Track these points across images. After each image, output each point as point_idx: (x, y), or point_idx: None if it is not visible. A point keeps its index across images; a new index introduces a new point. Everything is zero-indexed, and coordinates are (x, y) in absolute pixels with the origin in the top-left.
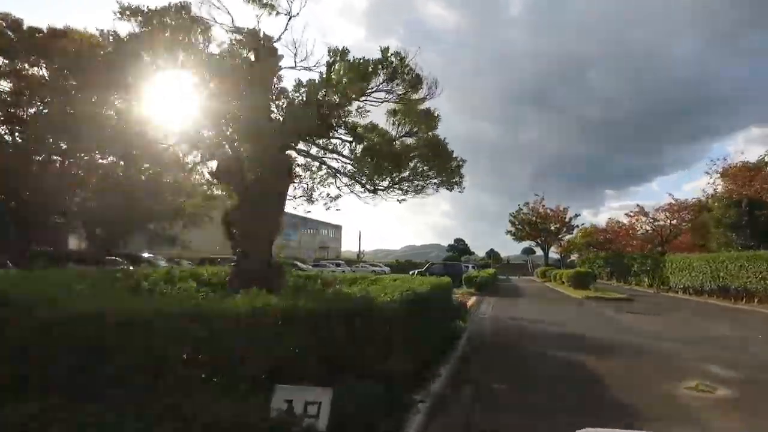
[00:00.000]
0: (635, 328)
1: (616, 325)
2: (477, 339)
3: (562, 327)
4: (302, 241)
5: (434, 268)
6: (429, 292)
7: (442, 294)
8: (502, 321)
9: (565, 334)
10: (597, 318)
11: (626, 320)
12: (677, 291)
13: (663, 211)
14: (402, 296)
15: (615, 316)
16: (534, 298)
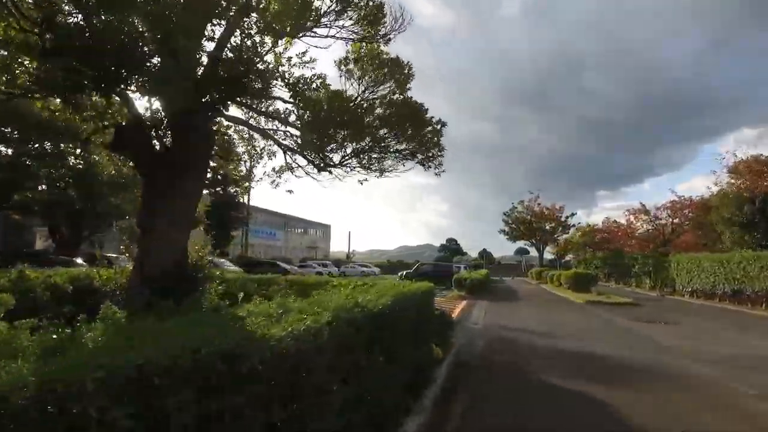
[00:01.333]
0: (660, 344)
1: (635, 339)
2: (462, 370)
3: (572, 342)
4: (289, 241)
5: (423, 269)
6: (392, 307)
7: (415, 307)
8: (498, 333)
9: (581, 354)
10: (608, 328)
11: (644, 332)
12: (683, 294)
13: (665, 209)
14: (334, 323)
15: (627, 325)
16: (531, 302)
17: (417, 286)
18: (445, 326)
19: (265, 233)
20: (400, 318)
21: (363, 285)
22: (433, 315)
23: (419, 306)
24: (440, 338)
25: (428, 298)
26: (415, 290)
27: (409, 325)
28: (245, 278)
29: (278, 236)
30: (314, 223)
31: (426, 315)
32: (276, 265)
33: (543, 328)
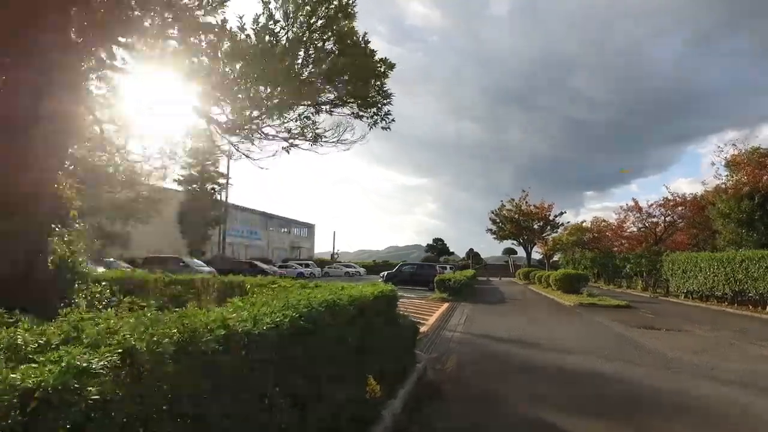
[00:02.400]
0: (667, 358)
1: (637, 352)
2: (424, 401)
3: (564, 356)
4: (271, 240)
5: (405, 270)
6: (304, 321)
7: (357, 320)
8: (477, 345)
9: (576, 374)
10: (604, 338)
11: (645, 342)
12: (678, 295)
13: (658, 206)
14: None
15: (625, 333)
16: (518, 305)
17: (375, 290)
18: (408, 342)
19: (246, 232)
20: (318, 341)
21: (306, 288)
22: (394, 327)
23: (371, 317)
24: (398, 360)
25: (392, 302)
26: (362, 296)
27: (343, 350)
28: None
29: (259, 236)
30: (298, 222)
31: (378, 331)
32: (254, 266)
33: (530, 337)
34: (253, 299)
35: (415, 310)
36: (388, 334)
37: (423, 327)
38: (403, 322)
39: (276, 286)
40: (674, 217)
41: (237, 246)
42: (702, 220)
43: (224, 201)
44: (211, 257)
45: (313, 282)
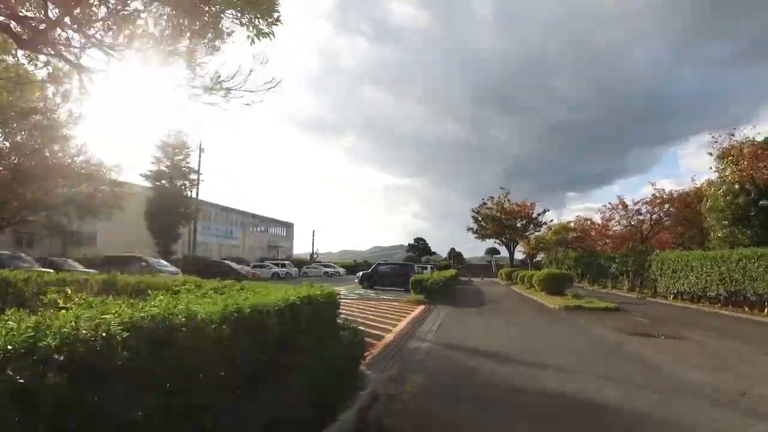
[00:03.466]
0: (674, 376)
1: (637, 368)
2: None
3: (551, 375)
4: (247, 240)
5: (382, 270)
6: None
7: (263, 342)
8: (447, 360)
9: (568, 402)
10: (596, 348)
11: (644, 353)
12: (667, 296)
13: (644, 203)
14: None
15: (620, 341)
16: (498, 308)
17: (300, 294)
18: (348, 363)
19: (221, 231)
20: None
21: (203, 291)
22: (327, 344)
23: (279, 333)
24: (331, 388)
25: (310, 313)
26: (265, 305)
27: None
28: None
29: (235, 235)
30: (276, 221)
31: (294, 351)
32: (227, 266)
33: (511, 348)
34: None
35: (383, 314)
36: (313, 356)
37: (388, 335)
38: (346, 336)
39: (185, 288)
40: (661, 214)
41: (211, 245)
42: (690, 217)
43: (195, 198)
44: (181, 257)
45: (259, 284)
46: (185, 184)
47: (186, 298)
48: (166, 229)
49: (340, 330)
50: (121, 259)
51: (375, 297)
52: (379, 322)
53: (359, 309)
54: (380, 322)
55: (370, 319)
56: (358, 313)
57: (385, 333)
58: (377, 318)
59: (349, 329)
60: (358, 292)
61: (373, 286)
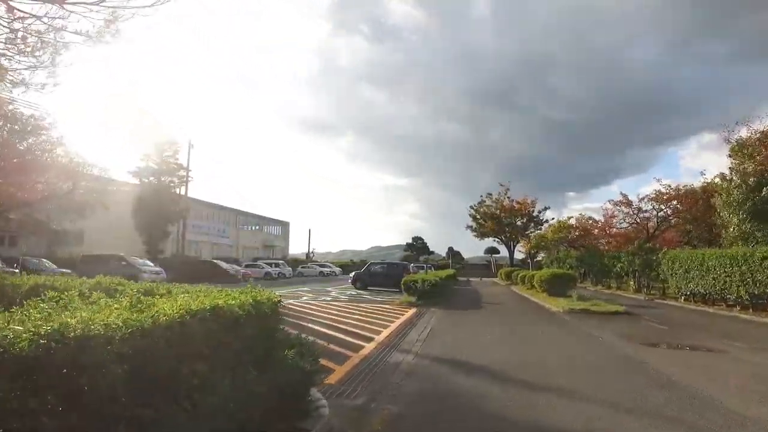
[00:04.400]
0: (722, 407)
1: (669, 393)
2: None
3: (561, 402)
4: (240, 239)
5: (374, 269)
6: None
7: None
8: (433, 379)
9: None
10: (612, 364)
11: (673, 373)
12: (678, 298)
13: (649, 200)
14: None
15: (640, 356)
16: (497, 312)
17: (223, 299)
18: (286, 399)
19: (213, 230)
20: None
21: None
22: (254, 372)
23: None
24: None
25: (229, 331)
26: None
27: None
28: None
29: (228, 234)
30: (271, 220)
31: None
32: (216, 266)
33: (510, 363)
34: None
35: (369, 318)
36: (223, 390)
37: (368, 345)
38: (289, 359)
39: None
40: (668, 211)
41: (203, 245)
42: (699, 214)
43: (184, 195)
44: (170, 256)
45: (200, 288)
46: (173, 181)
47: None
48: (153, 228)
49: (283, 348)
50: (99, 259)
51: (365, 299)
52: (361, 328)
53: (345, 312)
54: (363, 328)
55: (353, 325)
56: (340, 318)
57: (366, 343)
58: (361, 324)
59: (301, 345)
60: (349, 293)
61: (366, 286)
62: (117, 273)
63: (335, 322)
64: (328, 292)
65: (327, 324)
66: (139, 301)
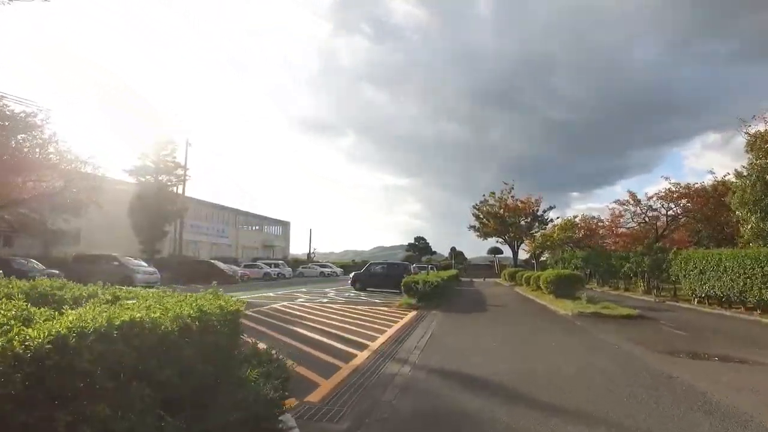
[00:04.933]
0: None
1: (719, 423)
2: None
3: (577, 429)
4: (240, 239)
5: (374, 270)
6: None
7: None
8: (431, 403)
9: None
10: (636, 378)
11: (709, 390)
12: (691, 300)
13: (658, 198)
14: None
15: (663, 367)
16: (502, 315)
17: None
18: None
19: (212, 230)
20: None
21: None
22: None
23: None
24: None
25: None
26: None
27: None
28: None
29: (227, 233)
30: (271, 220)
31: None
32: (213, 266)
33: (518, 375)
34: None
35: (365, 323)
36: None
37: (361, 354)
38: (252, 384)
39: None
40: (677, 210)
41: (202, 245)
42: (710, 213)
43: (182, 194)
44: (167, 256)
45: (152, 291)
46: (171, 180)
47: None
48: (150, 228)
49: (242, 368)
50: (91, 258)
51: (363, 301)
52: (356, 334)
53: (340, 316)
54: (357, 334)
55: (347, 330)
56: (334, 322)
57: (359, 350)
58: (356, 328)
59: (269, 362)
60: (347, 295)
61: (365, 287)
62: (109, 274)
63: (328, 327)
64: (325, 294)
65: (319, 329)
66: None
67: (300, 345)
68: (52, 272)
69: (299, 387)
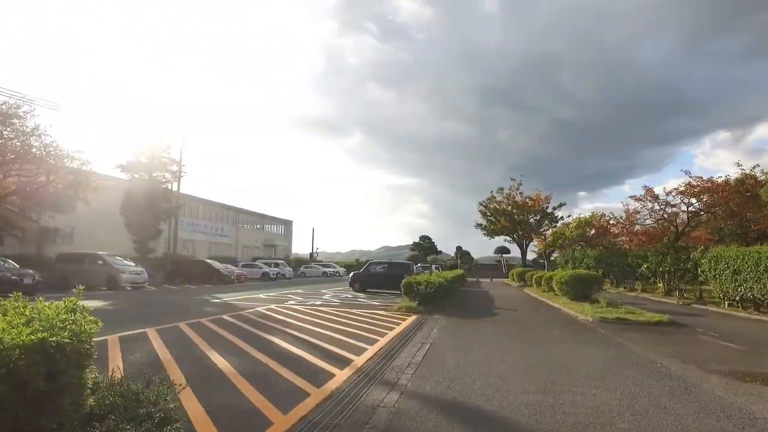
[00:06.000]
0: None
1: None
2: None
3: None
4: (240, 237)
5: (374, 270)
6: None
7: None
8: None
9: None
10: (715, 422)
11: None
12: (720, 303)
13: (678, 193)
14: None
15: (736, 399)
16: (513, 321)
17: None
18: None
19: (210, 228)
20: None
21: None
22: None
23: None
24: None
25: None
26: None
27: None
28: None
29: (227, 232)
30: (273, 219)
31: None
32: (207, 266)
33: (537, 410)
34: None
35: (356, 330)
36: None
37: (340, 373)
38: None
39: None
40: (698, 206)
41: (200, 244)
42: (736, 208)
43: (177, 191)
44: (162, 255)
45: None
46: (165, 177)
47: None
48: (144, 226)
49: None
50: (75, 258)
51: (360, 303)
52: (341, 345)
53: (330, 322)
54: (343, 345)
55: (332, 341)
56: (321, 330)
57: (339, 368)
58: (343, 338)
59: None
60: (344, 297)
61: (365, 288)
62: (93, 274)
63: (311, 335)
64: (321, 295)
65: (299, 338)
66: None
67: (268, 360)
68: (25, 272)
69: (244, 426)
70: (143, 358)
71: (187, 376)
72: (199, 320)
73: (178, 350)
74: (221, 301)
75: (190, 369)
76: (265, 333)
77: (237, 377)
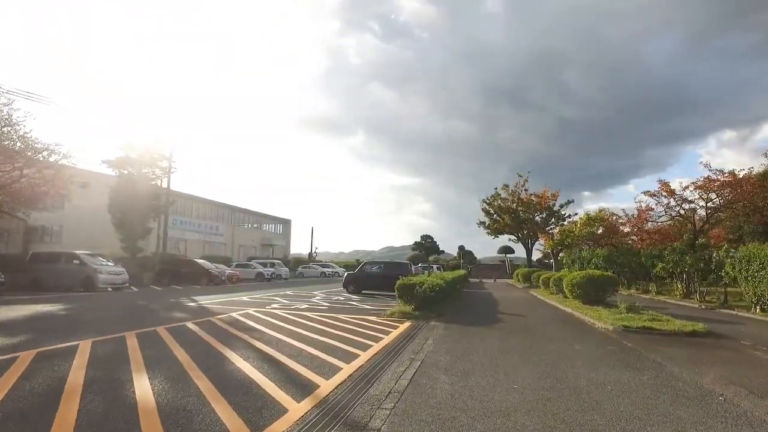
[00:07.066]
0: None
1: None
2: None
3: None
4: (235, 236)
5: (370, 270)
6: None
7: None
8: None
9: None
10: None
11: None
12: (751, 308)
13: (696, 188)
14: None
15: None
16: (521, 331)
17: None
18: None
19: (204, 227)
20: None
21: None
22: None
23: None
24: None
25: None
26: None
27: None
28: None
29: (222, 231)
30: (270, 217)
31: None
32: (196, 265)
33: None
34: None
35: (338, 341)
36: None
37: (300, 404)
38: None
39: None
40: (718, 201)
41: (192, 243)
42: (761, 203)
43: (167, 187)
44: (151, 255)
45: None
46: (155, 173)
47: None
48: (131, 224)
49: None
50: (50, 257)
51: (351, 307)
52: (313, 363)
53: (308, 330)
54: (315, 363)
55: (303, 357)
56: (293, 342)
57: (297, 401)
58: (319, 352)
59: None
60: (335, 299)
61: (359, 290)
62: (68, 274)
63: (280, 350)
64: (310, 298)
65: (263, 354)
66: None
67: (207, 388)
68: None
69: None
70: (44, 383)
71: (84, 414)
72: (155, 329)
73: (99, 372)
74: (197, 304)
75: (92, 403)
76: (223, 347)
77: (150, 416)
